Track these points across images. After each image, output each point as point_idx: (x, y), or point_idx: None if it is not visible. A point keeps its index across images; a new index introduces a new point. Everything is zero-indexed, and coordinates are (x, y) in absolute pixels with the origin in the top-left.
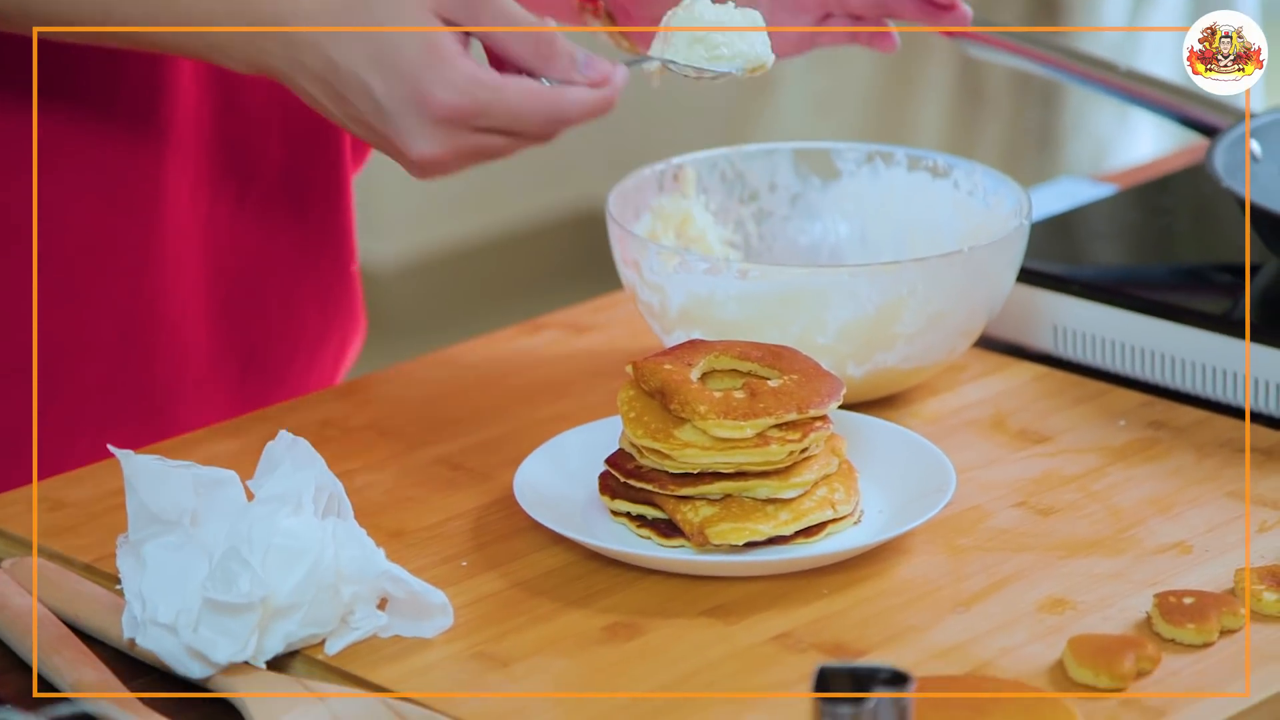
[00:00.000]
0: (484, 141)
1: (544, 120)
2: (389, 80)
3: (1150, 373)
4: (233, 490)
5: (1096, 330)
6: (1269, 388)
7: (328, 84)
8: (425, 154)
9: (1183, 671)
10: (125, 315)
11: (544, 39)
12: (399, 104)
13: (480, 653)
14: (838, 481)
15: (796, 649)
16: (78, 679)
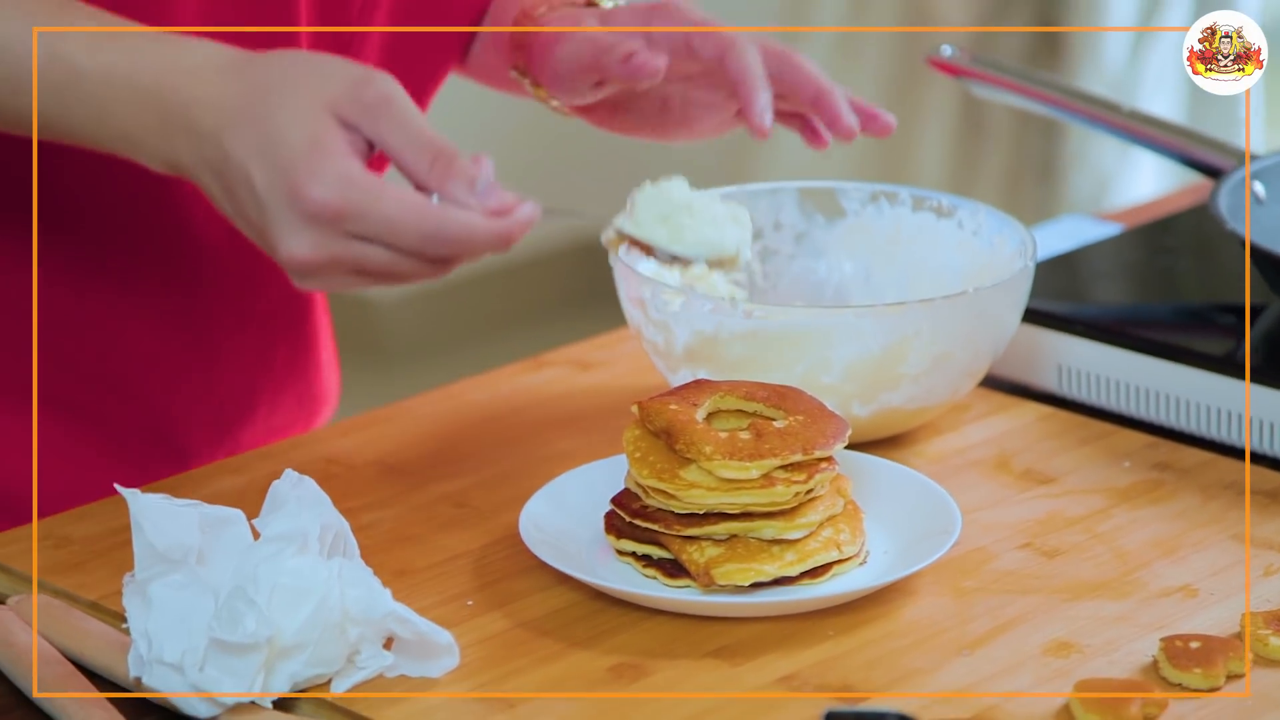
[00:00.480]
0: (360, 251)
1: (419, 235)
2: (268, 172)
3: (1154, 413)
4: (239, 529)
5: (1101, 370)
6: (1273, 429)
7: (220, 176)
8: (295, 253)
9: (1189, 716)
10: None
11: (443, 155)
12: (274, 196)
13: (486, 693)
14: (843, 522)
15: (802, 690)
16: (85, 718)
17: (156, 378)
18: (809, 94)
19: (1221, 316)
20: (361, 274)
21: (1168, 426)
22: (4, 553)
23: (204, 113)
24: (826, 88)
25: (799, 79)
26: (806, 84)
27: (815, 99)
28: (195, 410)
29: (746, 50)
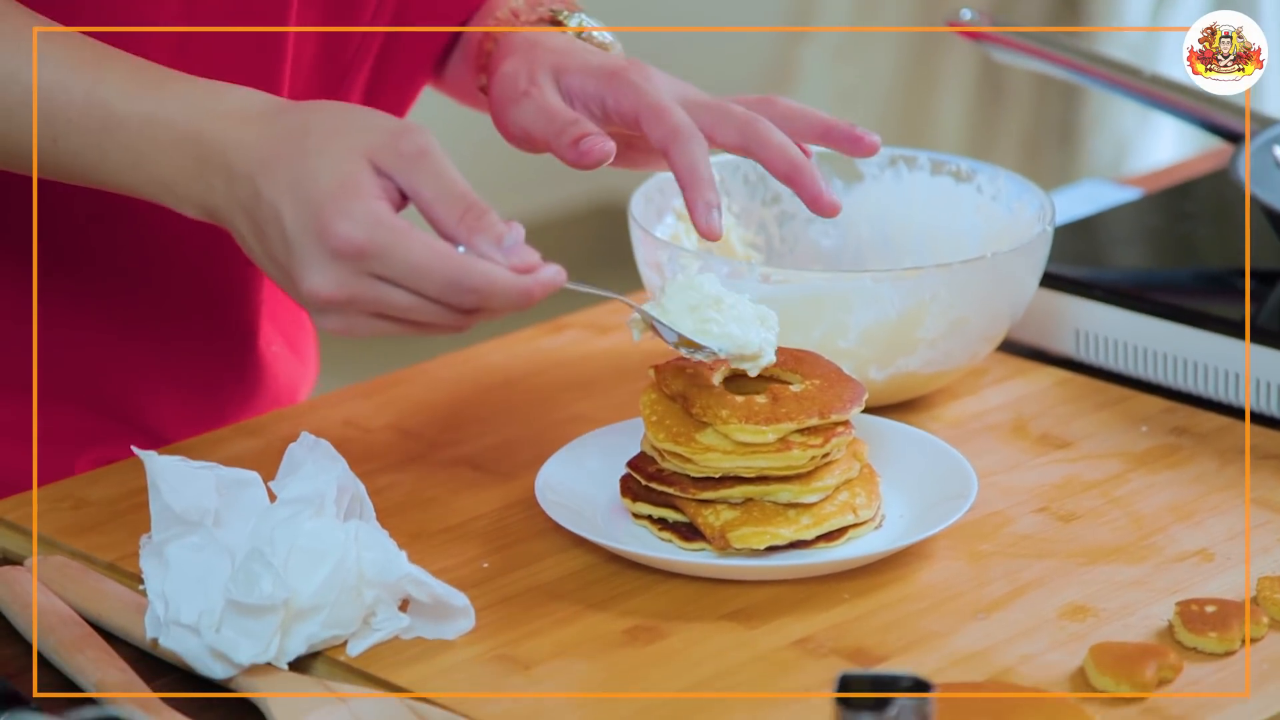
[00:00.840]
0: (382, 293)
1: (444, 282)
2: (298, 208)
3: (1172, 378)
4: (255, 491)
5: (1118, 335)
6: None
7: (251, 215)
8: (318, 289)
9: (1204, 680)
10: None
11: (474, 209)
12: (302, 232)
13: (502, 655)
14: (859, 486)
15: (817, 654)
16: (101, 679)
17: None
18: (782, 170)
19: (1240, 281)
20: (382, 317)
21: (1185, 391)
22: (19, 514)
23: (240, 155)
24: (799, 163)
25: (769, 156)
26: (778, 161)
27: (789, 176)
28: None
29: (690, 144)
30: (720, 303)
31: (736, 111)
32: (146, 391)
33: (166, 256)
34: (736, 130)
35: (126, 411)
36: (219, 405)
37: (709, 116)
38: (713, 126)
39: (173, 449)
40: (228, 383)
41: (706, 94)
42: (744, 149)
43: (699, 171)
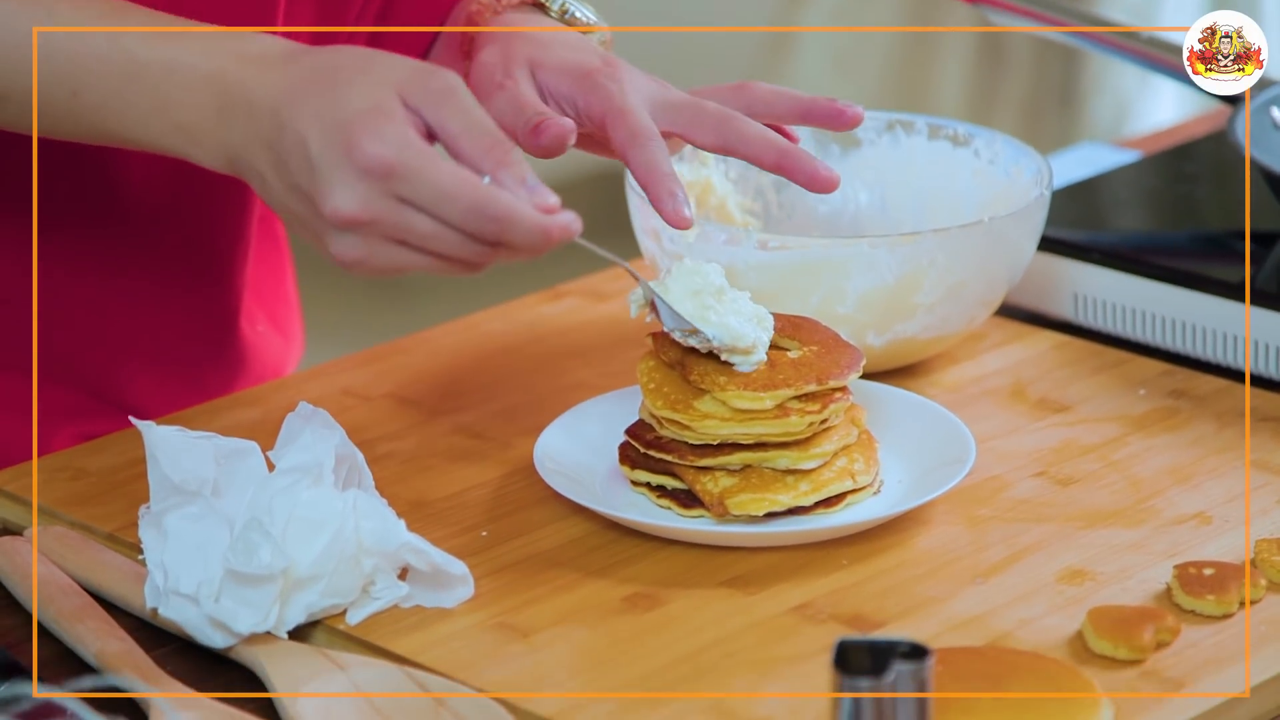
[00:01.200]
0: (406, 217)
1: (468, 208)
2: (325, 131)
3: (1171, 341)
4: (253, 461)
5: (1117, 298)
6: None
7: (272, 149)
8: (341, 207)
9: (1202, 642)
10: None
11: (501, 145)
12: (328, 152)
13: (501, 623)
14: (857, 452)
15: (816, 620)
16: (102, 648)
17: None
18: (770, 161)
19: (1239, 243)
20: (402, 244)
21: (1183, 354)
22: (20, 485)
23: (263, 92)
24: (784, 148)
25: (752, 150)
26: (763, 153)
27: (778, 165)
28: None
29: (648, 145)
30: (722, 294)
31: (711, 110)
32: (127, 370)
33: (148, 238)
34: (713, 130)
35: (107, 389)
36: (200, 384)
37: (684, 117)
38: (688, 128)
39: (170, 419)
40: (209, 362)
41: (681, 92)
42: (724, 148)
43: (659, 168)
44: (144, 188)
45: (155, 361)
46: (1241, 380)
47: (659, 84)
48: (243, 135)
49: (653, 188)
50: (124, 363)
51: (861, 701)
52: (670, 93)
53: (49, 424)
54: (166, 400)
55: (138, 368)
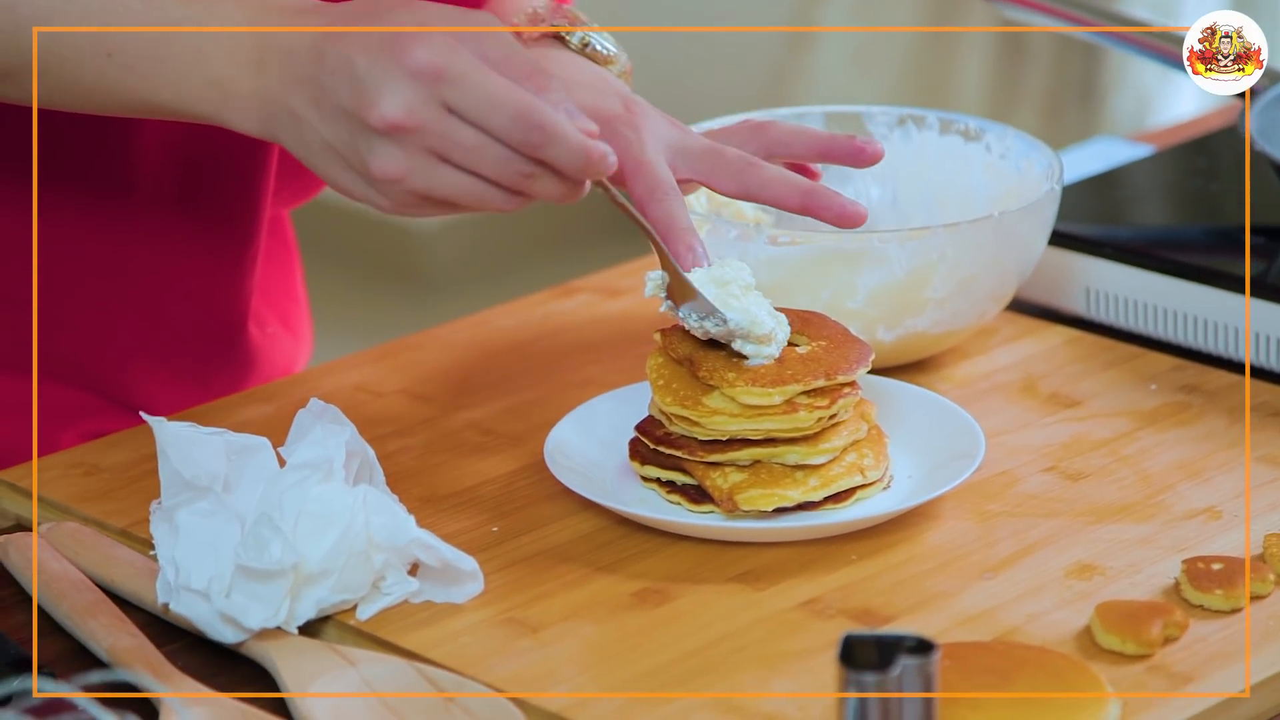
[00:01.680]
0: (451, 127)
1: (514, 115)
2: (371, 47)
3: (1183, 336)
4: (264, 456)
5: (1129, 293)
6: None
7: (312, 83)
8: (388, 111)
9: (1210, 637)
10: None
11: (541, 72)
12: (377, 64)
13: (510, 618)
14: (867, 447)
15: (824, 615)
16: (113, 644)
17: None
18: (795, 204)
19: (1252, 238)
20: (444, 161)
21: (1195, 349)
22: (29, 481)
23: (303, 37)
24: (807, 189)
25: (775, 194)
26: (786, 197)
27: (804, 207)
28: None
29: (665, 200)
30: (749, 290)
31: (730, 156)
32: (135, 371)
33: (157, 239)
34: (734, 177)
35: (115, 389)
36: (208, 384)
37: (704, 165)
38: (709, 175)
39: (182, 416)
40: (217, 363)
41: (700, 137)
42: (746, 194)
43: (677, 223)
44: (153, 188)
45: (164, 363)
46: (1253, 375)
47: (679, 129)
48: (279, 78)
49: (671, 242)
50: (132, 364)
51: (867, 696)
52: (689, 139)
53: (58, 423)
54: (175, 400)
55: (146, 369)
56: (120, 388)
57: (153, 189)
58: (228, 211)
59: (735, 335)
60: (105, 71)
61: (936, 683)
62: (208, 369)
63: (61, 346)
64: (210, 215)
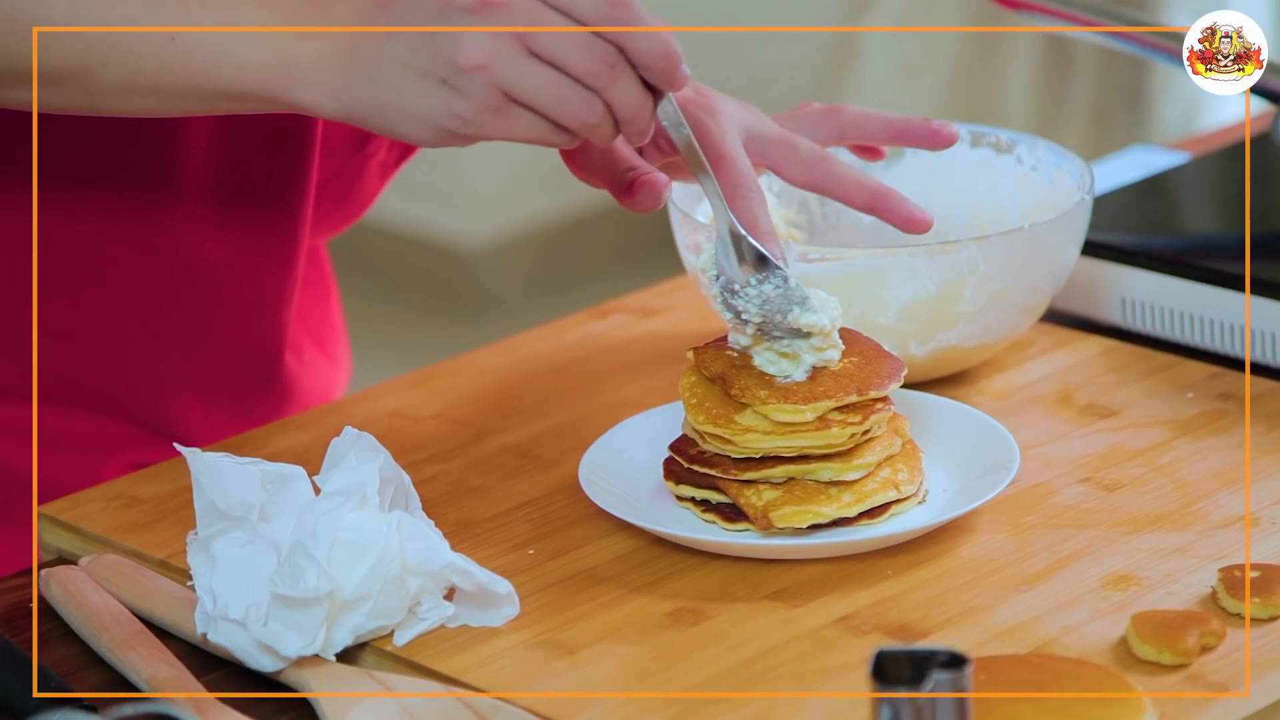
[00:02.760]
0: (535, 10)
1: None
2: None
3: (1220, 344)
4: (300, 485)
5: (1165, 302)
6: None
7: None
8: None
9: (1248, 646)
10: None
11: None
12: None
13: (546, 640)
14: (901, 462)
15: (860, 631)
16: (152, 675)
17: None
18: (862, 202)
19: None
20: (530, 56)
21: (1233, 356)
22: (75, 514)
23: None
24: (876, 190)
25: (844, 191)
26: (855, 195)
27: (871, 206)
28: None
29: (748, 198)
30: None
31: (803, 148)
32: (176, 403)
33: (199, 276)
34: (805, 168)
35: (157, 421)
36: (248, 414)
37: (776, 153)
38: (781, 164)
39: (221, 446)
40: (257, 393)
41: (772, 124)
42: (815, 187)
43: (759, 224)
44: (194, 219)
45: (204, 394)
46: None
47: (751, 113)
48: (349, 11)
49: (753, 234)
50: (173, 395)
51: (900, 711)
52: (763, 123)
53: (100, 454)
54: (215, 430)
55: (186, 400)
56: (162, 419)
57: (193, 220)
58: (267, 241)
59: (793, 301)
60: (168, 58)
61: (971, 697)
62: (248, 398)
63: (104, 379)
64: (250, 245)
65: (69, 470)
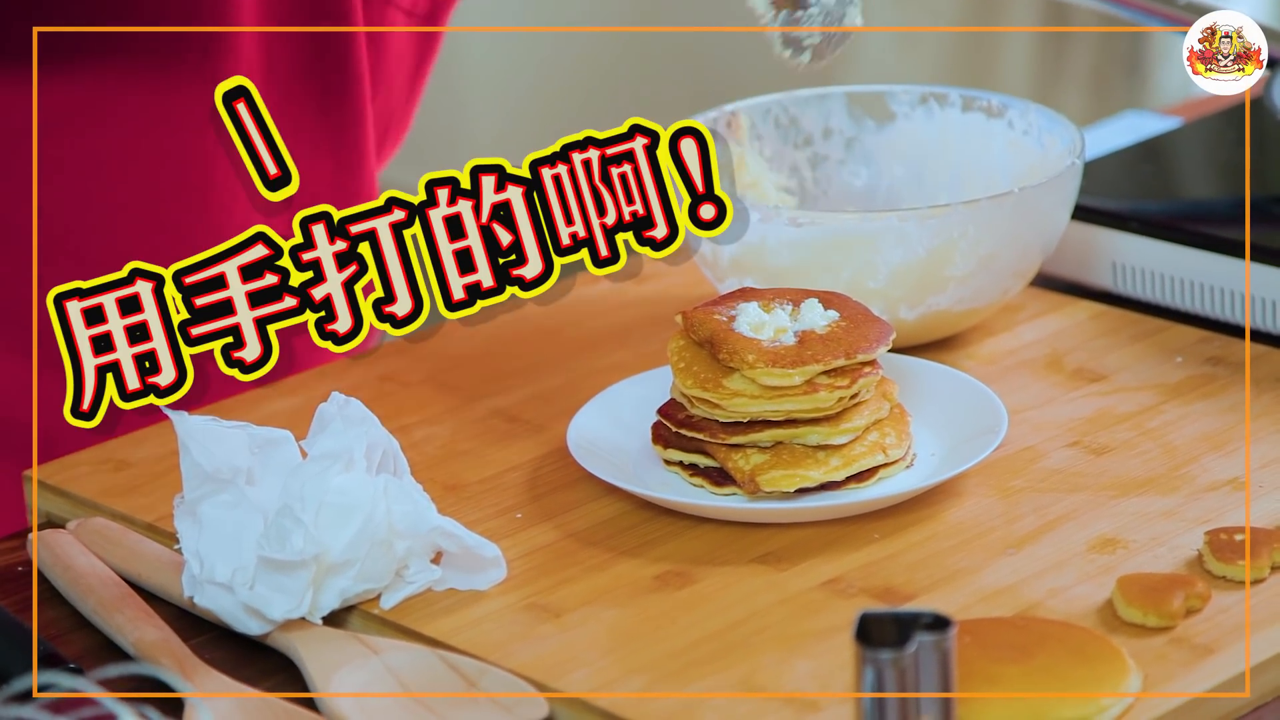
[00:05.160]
0: None
1: None
2: None
3: (1211, 308)
4: (288, 449)
5: (1157, 267)
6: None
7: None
8: None
9: (1233, 609)
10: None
11: None
12: None
13: (533, 603)
14: (889, 426)
15: (846, 594)
16: (139, 637)
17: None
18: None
19: (1274, 207)
20: None
21: (1224, 321)
22: (63, 477)
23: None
24: None
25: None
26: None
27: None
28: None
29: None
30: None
31: None
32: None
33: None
34: None
35: None
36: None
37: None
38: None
39: (208, 410)
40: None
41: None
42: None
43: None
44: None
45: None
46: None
47: None
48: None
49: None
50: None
51: (883, 673)
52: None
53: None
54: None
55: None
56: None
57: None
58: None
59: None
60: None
61: (954, 659)
62: None
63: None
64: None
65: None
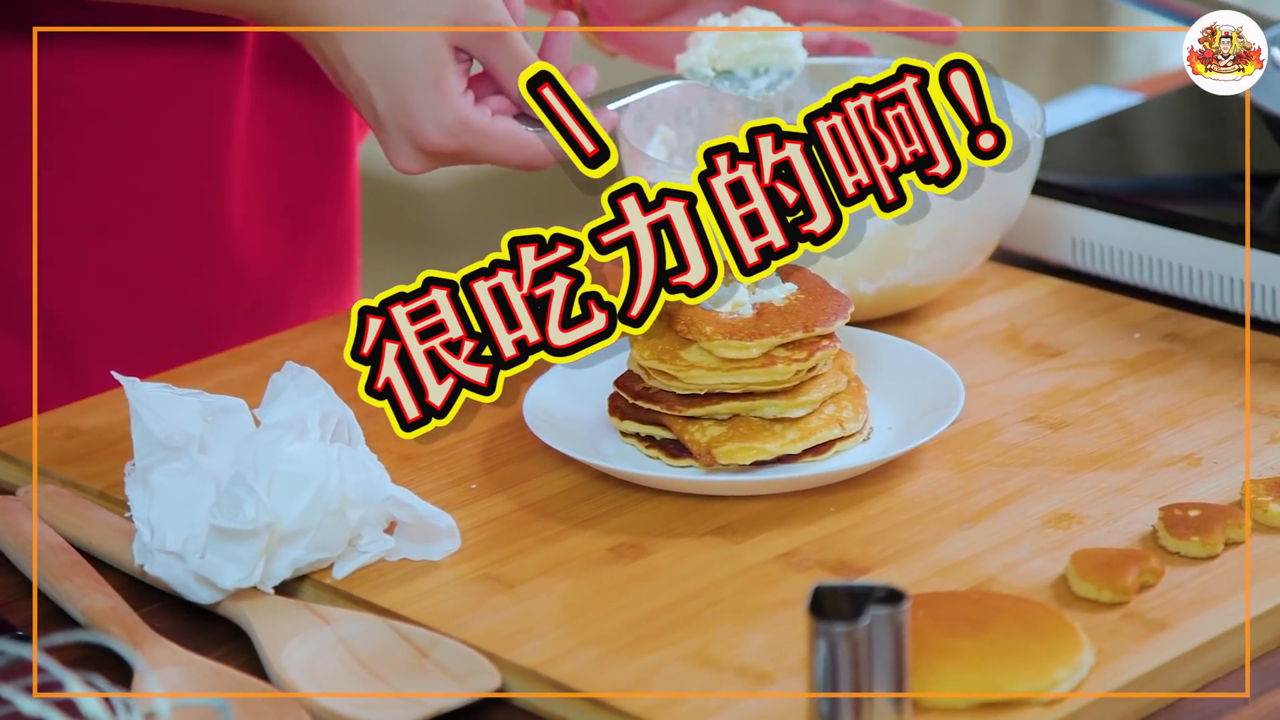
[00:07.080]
0: (463, 162)
1: (521, 162)
2: (389, 99)
3: (1169, 284)
4: (241, 417)
5: (1115, 243)
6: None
7: (337, 77)
8: (407, 168)
9: (1186, 584)
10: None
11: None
12: (393, 125)
13: (486, 574)
14: (846, 399)
15: (801, 567)
16: (88, 605)
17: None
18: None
19: (1238, 186)
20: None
21: (1181, 297)
22: (12, 444)
23: (330, 19)
24: (915, 14)
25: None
26: (900, 18)
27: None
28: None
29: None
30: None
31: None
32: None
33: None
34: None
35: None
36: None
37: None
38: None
39: (163, 377)
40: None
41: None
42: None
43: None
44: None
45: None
46: (1237, 323)
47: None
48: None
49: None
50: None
51: (837, 646)
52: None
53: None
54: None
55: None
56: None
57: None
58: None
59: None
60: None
61: (907, 632)
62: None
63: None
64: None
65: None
